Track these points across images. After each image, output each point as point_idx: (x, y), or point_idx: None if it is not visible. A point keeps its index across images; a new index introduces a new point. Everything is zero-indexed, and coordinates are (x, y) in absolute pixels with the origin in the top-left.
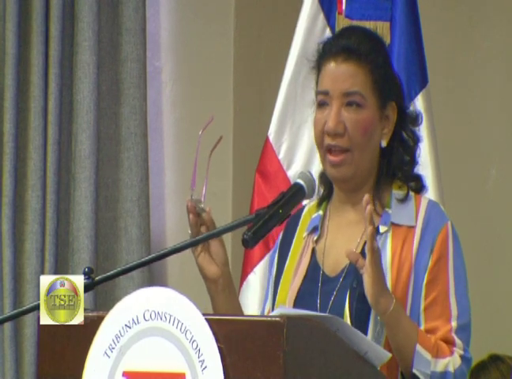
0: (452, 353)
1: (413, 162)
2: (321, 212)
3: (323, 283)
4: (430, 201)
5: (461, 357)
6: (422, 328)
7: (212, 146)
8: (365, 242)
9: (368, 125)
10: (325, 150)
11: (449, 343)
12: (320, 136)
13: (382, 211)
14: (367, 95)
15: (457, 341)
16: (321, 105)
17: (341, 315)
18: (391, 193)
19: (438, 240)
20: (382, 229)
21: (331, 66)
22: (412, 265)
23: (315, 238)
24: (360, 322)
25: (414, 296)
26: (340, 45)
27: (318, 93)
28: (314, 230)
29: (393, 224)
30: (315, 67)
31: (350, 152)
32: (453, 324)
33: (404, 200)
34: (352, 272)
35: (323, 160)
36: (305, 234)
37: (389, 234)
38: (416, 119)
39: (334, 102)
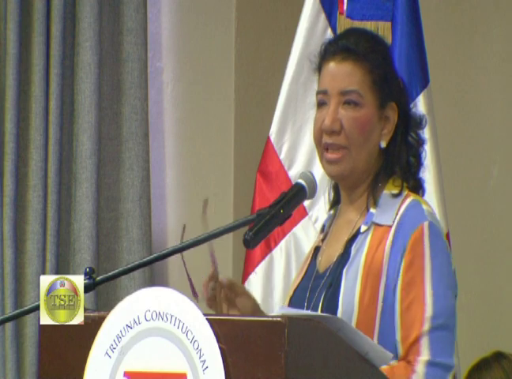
0: (412, 372)
1: (419, 164)
2: (332, 212)
3: (315, 279)
4: (412, 201)
5: (428, 363)
6: (398, 335)
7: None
8: (348, 241)
9: (365, 124)
10: (323, 148)
11: (413, 354)
12: (318, 134)
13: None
14: (365, 94)
15: (423, 349)
16: (320, 104)
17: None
18: (382, 193)
19: (411, 241)
20: (363, 228)
21: (330, 66)
22: (382, 267)
23: (321, 236)
24: None
25: (386, 300)
26: (339, 45)
27: (317, 93)
28: (323, 229)
29: (375, 224)
30: (317, 69)
31: (347, 150)
32: (426, 326)
33: (394, 197)
34: (333, 270)
35: (321, 158)
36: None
37: (370, 234)
38: (419, 122)
39: (332, 100)
